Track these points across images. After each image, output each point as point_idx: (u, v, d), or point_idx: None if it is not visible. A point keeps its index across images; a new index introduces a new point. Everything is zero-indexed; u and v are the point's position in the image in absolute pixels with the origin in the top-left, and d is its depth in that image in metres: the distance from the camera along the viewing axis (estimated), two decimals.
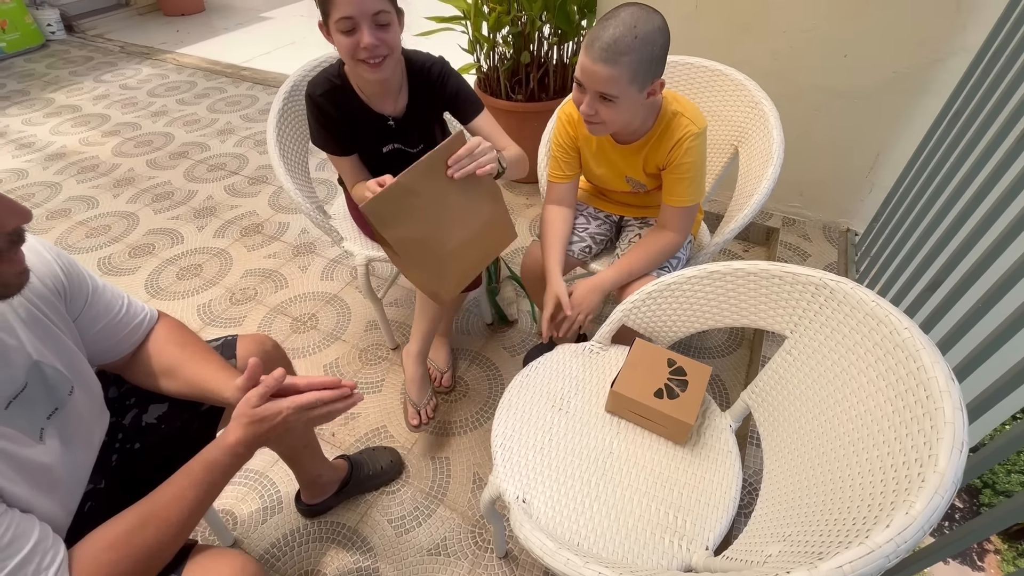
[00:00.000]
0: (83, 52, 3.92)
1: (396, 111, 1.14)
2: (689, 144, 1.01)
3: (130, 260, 1.96)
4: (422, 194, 0.85)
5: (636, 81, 0.87)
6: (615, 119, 0.94)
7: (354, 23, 0.93)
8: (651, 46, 0.85)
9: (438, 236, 0.90)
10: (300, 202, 1.27)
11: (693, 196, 1.07)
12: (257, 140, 2.71)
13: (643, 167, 1.10)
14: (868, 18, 1.45)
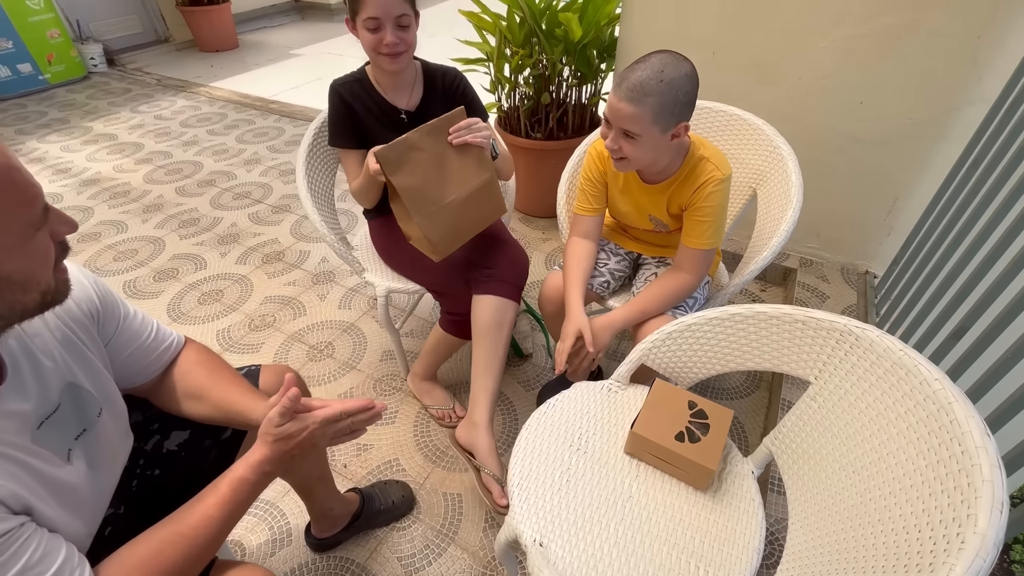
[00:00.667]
0: (122, 84, 4.12)
1: (410, 105, 1.25)
2: (712, 188, 1.03)
3: (154, 284, 2.01)
4: (425, 150, 1.04)
5: (659, 122, 0.91)
6: (638, 156, 0.98)
7: (379, 23, 1.07)
8: (675, 91, 0.89)
9: (437, 189, 1.07)
10: (324, 232, 1.31)
11: (711, 239, 1.08)
12: (282, 170, 2.80)
13: (667, 207, 1.12)
14: (883, 68, 1.48)
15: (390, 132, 1.23)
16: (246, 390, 0.76)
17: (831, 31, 1.49)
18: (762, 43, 1.59)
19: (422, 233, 1.08)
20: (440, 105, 1.26)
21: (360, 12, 1.07)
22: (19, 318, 0.55)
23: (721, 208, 1.05)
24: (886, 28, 1.43)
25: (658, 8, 1.69)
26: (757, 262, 1.16)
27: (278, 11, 5.75)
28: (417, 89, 1.27)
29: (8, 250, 0.50)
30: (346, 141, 1.24)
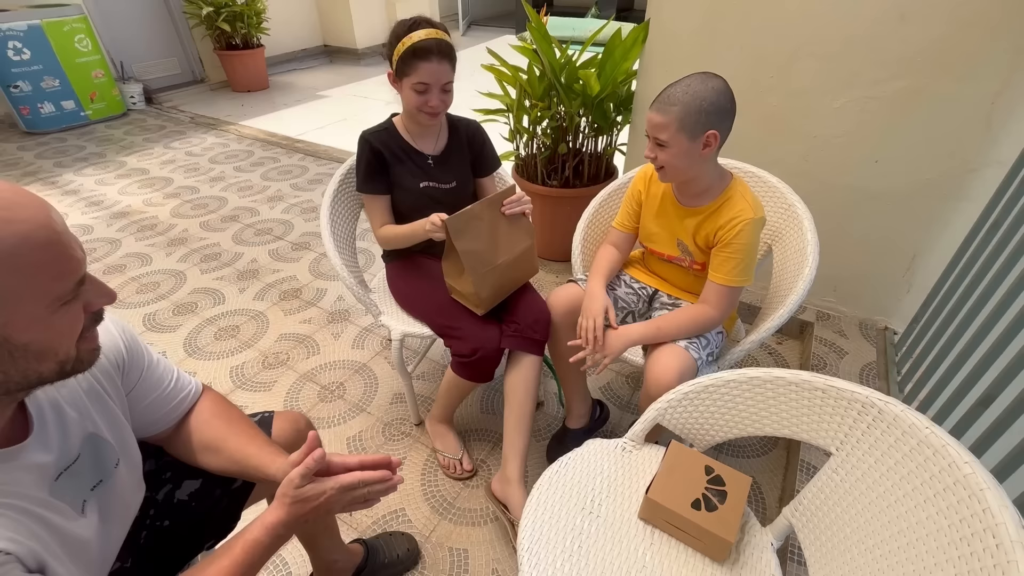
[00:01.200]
0: (158, 121, 4.32)
1: (436, 150, 1.35)
2: (742, 226, 1.06)
3: (173, 318, 2.04)
4: (484, 219, 1.17)
5: (684, 129, 0.99)
6: (672, 164, 1.05)
7: (428, 87, 1.18)
8: (700, 100, 0.97)
9: (491, 253, 1.19)
10: (345, 276, 1.33)
11: (738, 277, 1.09)
12: (303, 208, 2.88)
13: (695, 234, 1.15)
14: (897, 129, 1.50)
15: (417, 175, 1.32)
16: (263, 443, 0.76)
17: (844, 93, 1.53)
18: (778, 102, 1.63)
19: (474, 290, 1.18)
20: (462, 151, 1.38)
21: (411, 75, 1.17)
22: (35, 385, 0.54)
23: (749, 247, 1.07)
24: (897, 92, 1.46)
25: (674, 66, 1.75)
26: (773, 319, 1.15)
27: (308, 55, 6.05)
28: (442, 136, 1.37)
29: (30, 321, 0.48)
30: (375, 187, 1.31)
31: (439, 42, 1.15)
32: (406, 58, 1.16)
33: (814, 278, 1.16)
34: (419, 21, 1.17)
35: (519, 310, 1.26)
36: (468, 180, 1.41)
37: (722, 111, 1.00)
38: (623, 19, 7.14)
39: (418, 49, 1.14)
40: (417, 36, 1.14)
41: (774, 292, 1.26)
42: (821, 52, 1.50)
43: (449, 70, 1.19)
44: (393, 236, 1.31)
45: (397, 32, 1.18)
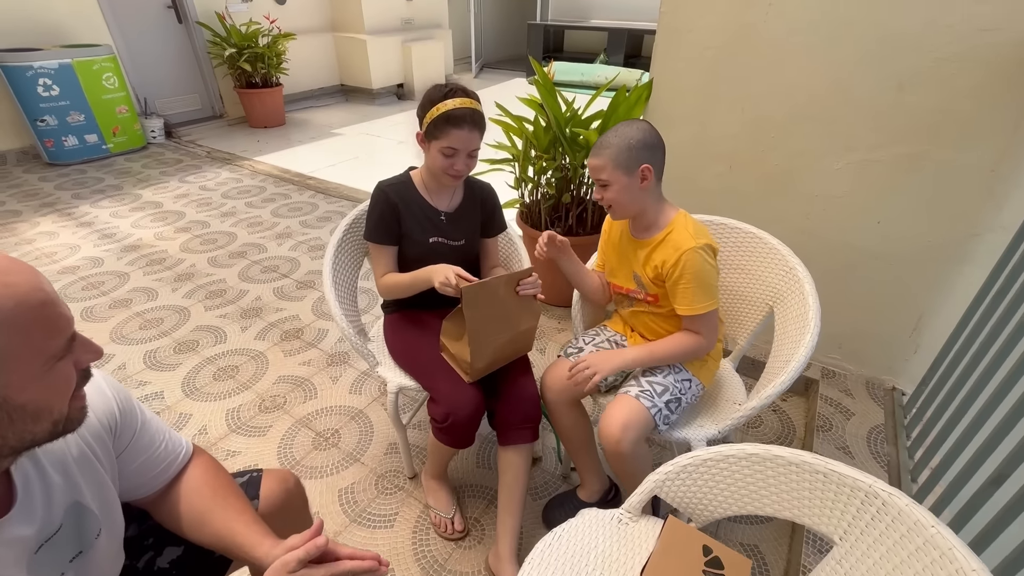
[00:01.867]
0: (175, 155, 4.45)
1: (449, 207, 1.37)
2: (685, 257, 1.11)
3: (174, 355, 2.05)
4: (499, 295, 1.17)
5: (620, 167, 1.10)
6: (617, 200, 1.15)
7: (456, 152, 1.21)
8: (628, 140, 1.09)
9: (496, 328, 1.18)
10: (344, 327, 1.33)
11: (700, 304, 1.13)
12: (311, 246, 2.92)
13: (644, 264, 1.20)
14: (898, 192, 1.51)
15: (428, 229, 1.34)
16: (250, 520, 0.74)
17: (844, 155, 1.55)
18: (779, 161, 1.65)
19: (469, 359, 1.17)
20: (475, 211, 1.40)
21: (441, 139, 1.20)
22: (28, 446, 0.55)
23: (699, 274, 1.11)
24: (897, 156, 1.48)
25: (677, 123, 1.79)
26: (776, 385, 1.13)
27: (325, 93, 6.27)
28: (457, 195, 1.40)
29: (28, 380, 0.50)
30: (384, 238, 1.33)
31: (473, 112, 1.19)
32: (439, 123, 1.19)
33: (816, 344, 1.14)
34: (455, 89, 1.20)
35: (508, 392, 1.26)
36: (476, 239, 1.43)
37: (650, 146, 1.10)
38: (631, 65, 7.38)
39: (452, 116, 1.17)
40: (452, 104, 1.17)
41: (776, 356, 1.24)
42: (821, 116, 1.53)
43: (478, 138, 1.23)
44: (395, 284, 1.32)
45: (432, 97, 1.21)
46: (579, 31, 8.31)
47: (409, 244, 1.34)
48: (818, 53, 1.47)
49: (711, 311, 1.15)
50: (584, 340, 1.37)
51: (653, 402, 1.13)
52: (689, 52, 1.66)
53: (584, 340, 1.37)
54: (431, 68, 6.61)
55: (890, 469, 1.51)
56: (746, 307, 1.41)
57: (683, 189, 1.82)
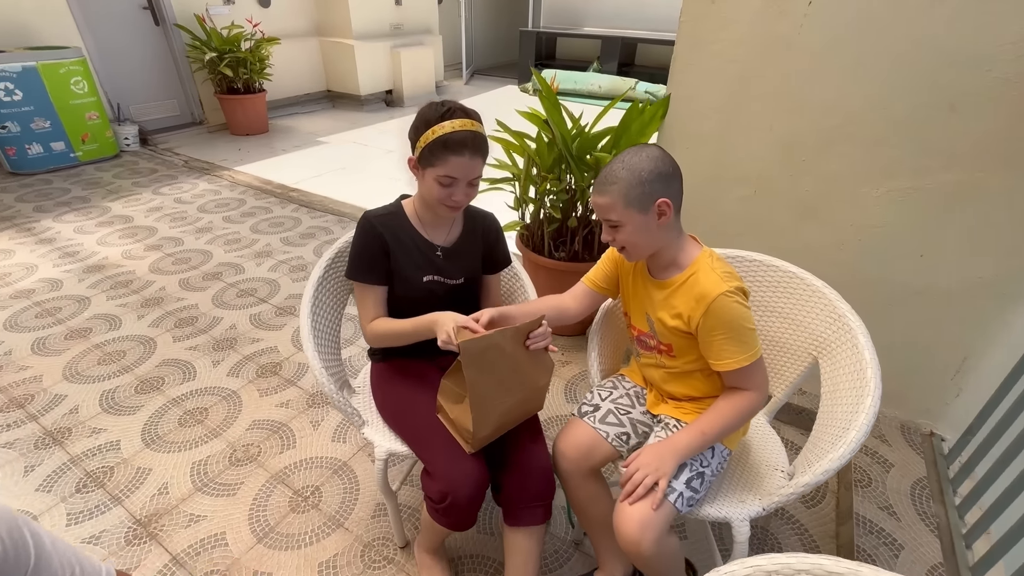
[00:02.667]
0: (150, 164, 4.21)
1: (447, 242, 1.20)
2: (715, 305, 0.93)
3: (135, 396, 1.83)
4: (506, 351, 0.98)
5: (632, 204, 0.93)
6: (632, 242, 0.98)
7: (454, 182, 1.04)
8: (638, 172, 0.92)
9: (503, 390, 1.00)
10: (324, 382, 1.14)
11: (742, 356, 0.95)
12: (292, 266, 2.71)
13: (661, 309, 1.03)
14: (945, 223, 1.37)
15: (422, 267, 1.16)
16: None
17: (885, 182, 1.40)
18: (811, 187, 1.50)
19: (470, 427, 0.99)
20: (475, 245, 1.23)
21: (437, 167, 1.03)
22: None
23: (734, 322, 0.94)
24: (945, 184, 1.33)
25: (695, 143, 1.63)
26: (833, 460, 0.96)
27: (310, 99, 6.05)
28: (456, 227, 1.22)
29: None
30: (371, 276, 1.14)
31: (474, 136, 1.02)
32: (435, 148, 1.02)
33: (878, 410, 0.98)
34: (453, 109, 1.03)
35: (516, 462, 1.07)
36: (477, 277, 1.25)
37: (665, 176, 0.94)
38: (624, 74, 7.28)
39: (450, 141, 1.00)
40: (450, 126, 1.00)
41: (828, 420, 1.08)
42: (861, 137, 1.38)
43: (480, 164, 1.06)
44: (386, 332, 1.14)
45: (427, 117, 1.03)
46: (572, 39, 8.20)
47: (400, 283, 1.16)
48: (858, 68, 1.32)
49: (757, 360, 0.97)
50: (600, 395, 1.20)
51: (671, 487, 0.95)
52: (712, 65, 1.50)
53: (600, 395, 1.20)
54: (421, 74, 6.43)
55: (940, 533, 1.35)
56: (784, 357, 1.24)
57: (702, 215, 1.66)
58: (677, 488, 0.95)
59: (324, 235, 3.05)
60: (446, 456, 1.03)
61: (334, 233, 3.08)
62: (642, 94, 6.40)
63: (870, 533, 1.35)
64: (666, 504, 0.94)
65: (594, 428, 1.12)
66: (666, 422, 1.11)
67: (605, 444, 1.11)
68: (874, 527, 1.37)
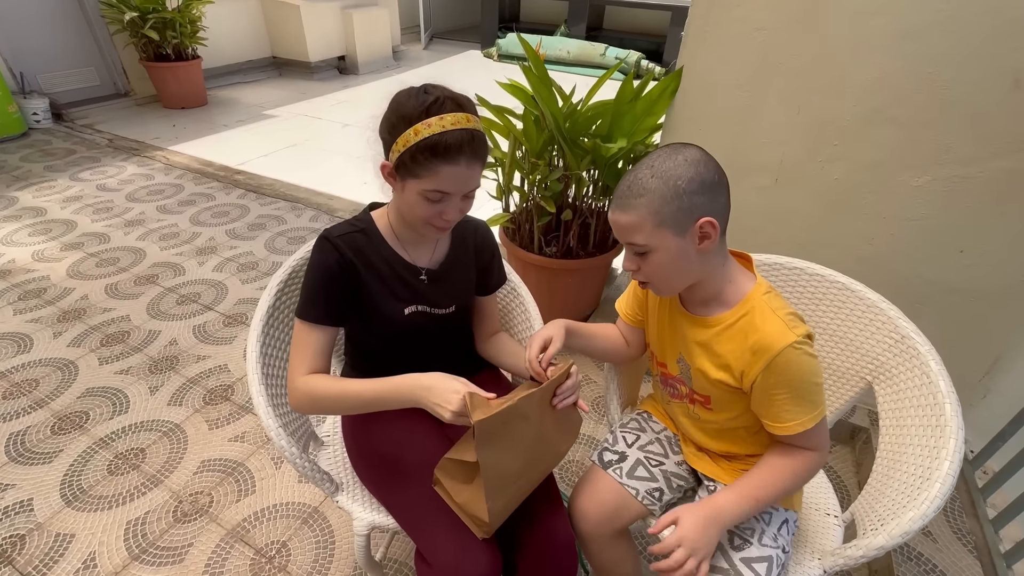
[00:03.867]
0: (66, 144, 3.67)
1: (432, 262, 0.95)
2: (784, 361, 0.72)
3: (51, 438, 1.52)
4: (530, 419, 0.78)
5: (666, 224, 0.71)
6: (662, 275, 0.77)
7: (446, 197, 0.80)
8: (673, 181, 0.70)
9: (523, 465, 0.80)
10: (284, 447, 0.89)
11: (812, 411, 0.76)
12: (241, 263, 2.38)
13: (701, 354, 0.81)
14: (992, 216, 1.22)
15: (403, 297, 0.91)
16: None
17: (929, 169, 1.23)
18: (841, 175, 1.32)
19: (485, 517, 0.77)
20: (467, 265, 0.99)
21: (424, 179, 0.77)
22: None
23: (803, 379, 0.74)
24: (997, 172, 1.18)
25: (710, 124, 1.42)
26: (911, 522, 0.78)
27: (254, 67, 5.47)
28: (442, 244, 0.98)
29: None
30: (322, 315, 0.86)
31: (472, 136, 0.77)
32: (421, 155, 0.76)
33: (962, 458, 0.82)
34: (442, 99, 0.76)
35: (533, 538, 0.86)
36: (469, 304, 1.02)
37: (709, 187, 0.71)
38: (592, 38, 6.94)
39: (441, 147, 0.75)
40: (439, 124, 0.74)
41: (891, 465, 0.91)
42: (905, 119, 1.20)
43: (479, 172, 0.82)
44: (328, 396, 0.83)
45: (406, 112, 0.76)
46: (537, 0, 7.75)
47: (375, 321, 0.92)
48: (908, 39, 1.13)
49: (820, 417, 0.78)
50: (625, 439, 1.01)
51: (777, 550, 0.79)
52: (733, 34, 1.28)
53: (625, 439, 1.01)
54: (376, 38, 5.92)
55: (979, 553, 1.26)
56: (831, 379, 1.08)
57: None
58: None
59: (276, 225, 2.71)
60: (449, 542, 0.81)
61: (287, 223, 2.74)
62: (612, 60, 6.12)
63: (908, 559, 1.24)
64: None
65: (620, 484, 0.93)
66: (710, 486, 0.93)
67: (634, 503, 0.92)
68: (912, 552, 1.26)
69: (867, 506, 0.91)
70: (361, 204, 2.88)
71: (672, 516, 0.78)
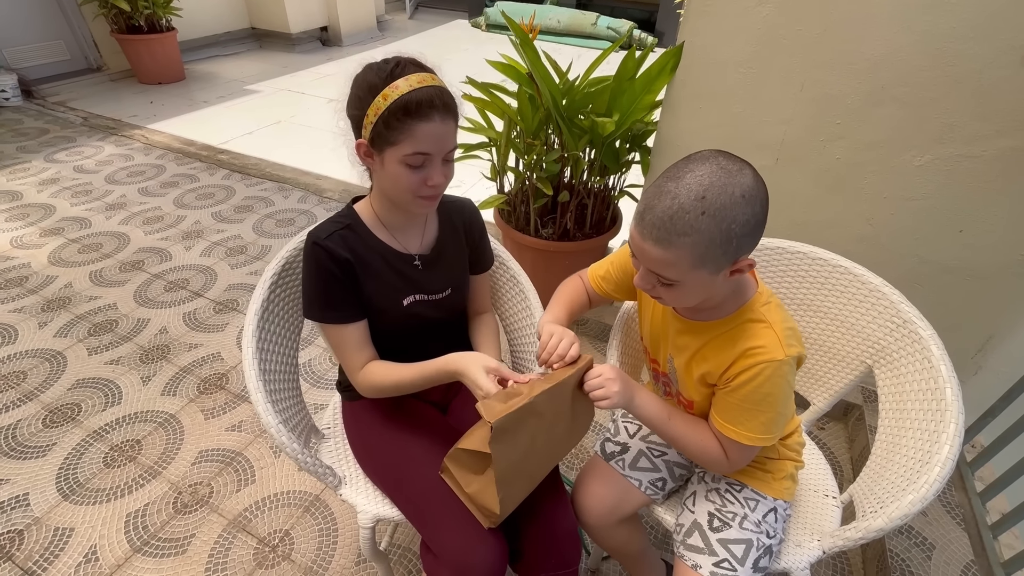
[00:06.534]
0: (38, 123, 3.52)
1: (423, 247, 0.95)
2: (760, 369, 0.69)
3: (43, 432, 1.50)
4: (544, 415, 0.77)
5: (705, 265, 0.63)
6: (678, 300, 0.73)
7: (427, 159, 0.79)
8: (727, 223, 0.60)
9: (534, 460, 0.81)
10: (284, 443, 0.88)
11: (753, 432, 0.73)
12: (230, 247, 2.33)
13: (691, 359, 0.79)
14: (995, 195, 1.21)
15: (400, 288, 0.90)
16: None
17: (932, 148, 1.21)
18: (842, 155, 1.30)
19: (496, 509, 0.77)
20: (458, 245, 0.98)
21: (401, 143, 0.76)
22: None
23: (770, 398, 0.71)
24: (1001, 151, 1.16)
25: (710, 102, 1.38)
26: (911, 504, 0.79)
27: (232, 39, 5.24)
28: (431, 226, 0.96)
29: None
30: (344, 314, 0.87)
31: (440, 91, 0.77)
32: (393, 117, 0.74)
33: (962, 443, 0.83)
34: (403, 62, 0.77)
35: (536, 527, 0.87)
36: (464, 283, 1.00)
37: (760, 224, 0.63)
38: (583, 7, 6.74)
39: (412, 103, 0.74)
40: (406, 84, 0.74)
41: (890, 448, 0.93)
42: (911, 97, 1.17)
43: (454, 130, 0.81)
44: (388, 384, 0.87)
45: (370, 81, 0.76)
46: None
47: (375, 315, 0.90)
48: (920, 13, 1.09)
49: (752, 448, 0.76)
50: (627, 430, 1.01)
51: (737, 574, 0.79)
52: (737, 7, 1.23)
53: (627, 430, 1.01)
54: (359, 7, 5.69)
55: (967, 526, 1.30)
56: (831, 363, 1.08)
57: None
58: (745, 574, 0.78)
59: (263, 207, 2.64)
60: (455, 532, 0.81)
61: (275, 205, 2.67)
62: (604, 30, 5.96)
63: (899, 533, 1.28)
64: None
65: (623, 475, 0.94)
66: (702, 474, 0.94)
67: (637, 493, 0.93)
68: (903, 526, 1.29)
69: (866, 488, 0.93)
70: (350, 183, 2.82)
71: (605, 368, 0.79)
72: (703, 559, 0.80)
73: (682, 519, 0.89)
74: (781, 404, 0.73)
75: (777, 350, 0.69)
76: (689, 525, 0.86)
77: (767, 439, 0.74)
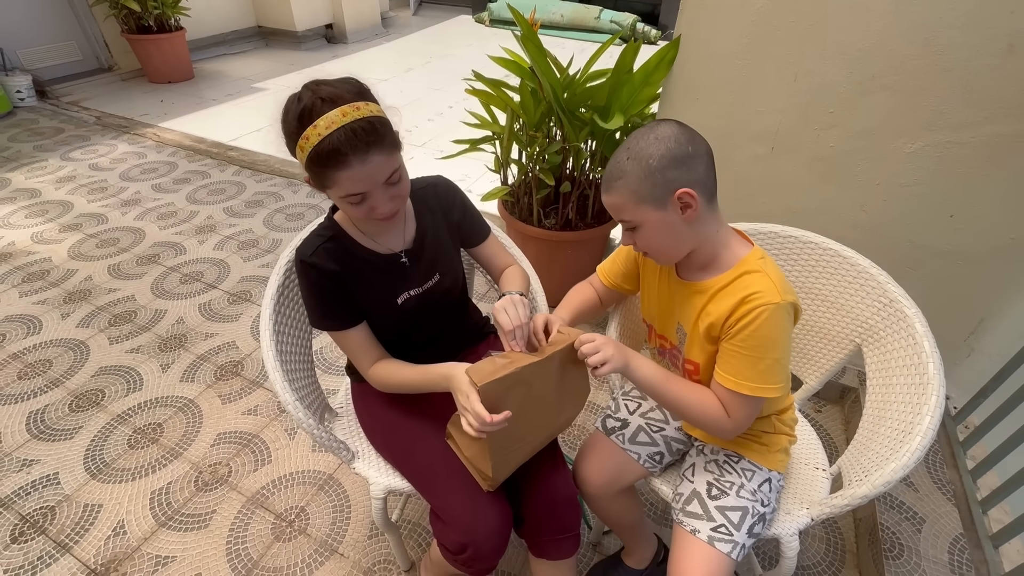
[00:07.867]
0: (53, 122, 3.60)
1: (407, 242, 0.96)
2: (759, 311, 0.74)
3: (70, 416, 1.57)
4: (533, 385, 0.83)
5: (645, 201, 0.76)
6: (654, 245, 0.82)
7: (365, 196, 0.79)
8: (646, 159, 0.74)
9: (526, 427, 0.86)
10: (301, 419, 0.94)
11: (750, 381, 0.77)
12: (242, 242, 2.39)
13: (699, 318, 0.83)
14: (985, 180, 1.24)
15: (390, 288, 0.94)
16: None
17: (922, 135, 1.25)
18: (836, 143, 1.33)
19: (489, 472, 0.84)
20: (438, 228, 1.00)
21: (333, 188, 0.77)
22: None
23: (769, 341, 0.76)
24: (990, 137, 1.20)
25: (707, 94, 1.42)
26: (893, 472, 0.84)
27: (239, 37, 5.31)
28: (409, 220, 0.98)
29: None
30: (342, 320, 0.91)
31: (353, 130, 0.71)
32: (315, 166, 0.75)
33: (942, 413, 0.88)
34: (308, 105, 0.72)
35: (537, 494, 0.92)
36: (454, 263, 1.02)
37: (681, 160, 0.74)
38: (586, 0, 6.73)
39: (324, 155, 0.72)
40: (314, 133, 0.71)
41: (876, 421, 0.97)
42: (901, 86, 1.21)
43: (385, 161, 0.76)
44: (394, 383, 0.92)
45: (287, 128, 0.75)
46: None
47: (373, 318, 0.94)
48: (908, 4, 1.13)
49: (756, 398, 0.78)
50: (628, 407, 1.06)
51: (733, 540, 0.83)
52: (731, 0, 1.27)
53: (628, 407, 1.06)
54: (364, 5, 5.73)
55: (957, 501, 1.34)
56: (823, 343, 1.13)
57: None
58: (739, 541, 0.83)
59: (274, 202, 2.71)
60: (461, 500, 0.87)
61: (285, 200, 2.73)
62: (607, 23, 5.97)
63: (891, 508, 1.32)
64: (728, 564, 0.82)
65: (623, 449, 0.99)
66: (700, 447, 0.99)
67: (635, 466, 0.98)
68: (894, 501, 1.34)
69: (853, 459, 0.97)
70: None
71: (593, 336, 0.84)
72: (701, 524, 0.85)
73: (681, 488, 0.93)
74: (779, 350, 0.77)
75: (774, 294, 0.75)
76: (688, 494, 0.91)
77: (766, 389, 0.77)
